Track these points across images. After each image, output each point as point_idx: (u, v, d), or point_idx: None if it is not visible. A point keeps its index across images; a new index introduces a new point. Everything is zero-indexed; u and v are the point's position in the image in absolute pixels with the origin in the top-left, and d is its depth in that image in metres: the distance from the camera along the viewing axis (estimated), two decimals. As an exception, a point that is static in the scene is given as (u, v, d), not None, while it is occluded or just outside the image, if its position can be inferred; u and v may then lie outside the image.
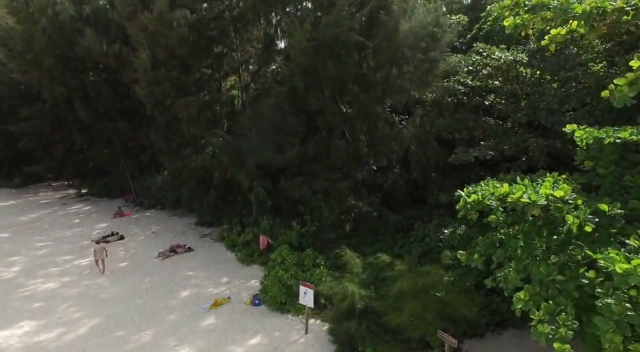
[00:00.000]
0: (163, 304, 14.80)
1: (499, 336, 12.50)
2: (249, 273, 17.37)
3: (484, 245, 8.30)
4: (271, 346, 12.12)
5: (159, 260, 19.00)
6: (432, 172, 16.06)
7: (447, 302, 10.46)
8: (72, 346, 12.25)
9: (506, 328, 12.83)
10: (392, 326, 11.10)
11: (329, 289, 12.36)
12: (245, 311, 14.24)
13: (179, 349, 12.07)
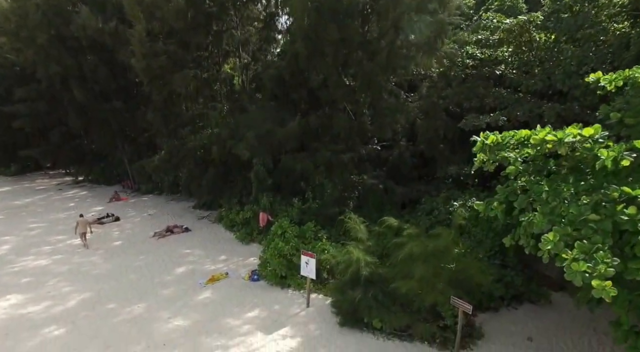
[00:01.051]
0: (158, 279, 14.13)
1: (515, 310, 11.78)
2: (248, 251, 16.70)
3: (503, 193, 7.57)
4: (270, 318, 11.43)
5: (154, 239, 18.33)
6: (440, 144, 15.31)
7: (460, 268, 9.73)
8: (59, 317, 11.58)
9: (522, 303, 12.11)
10: (400, 295, 10.38)
11: (332, 258, 11.65)
12: (243, 286, 13.55)
13: (172, 321, 11.38)
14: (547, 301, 12.07)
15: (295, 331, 10.76)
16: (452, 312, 10.04)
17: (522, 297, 12.15)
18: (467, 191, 14.06)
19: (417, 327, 9.89)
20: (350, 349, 9.94)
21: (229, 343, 10.29)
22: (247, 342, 10.34)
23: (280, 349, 10.01)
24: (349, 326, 10.77)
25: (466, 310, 9.09)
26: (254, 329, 10.91)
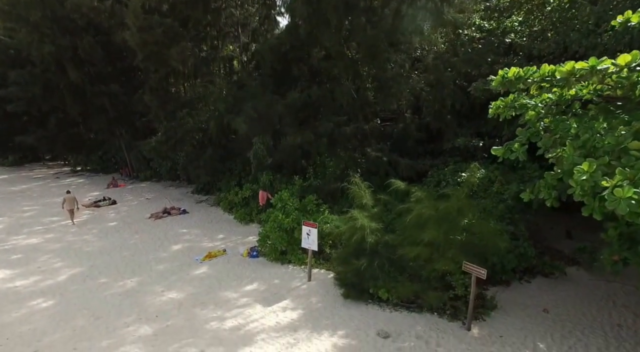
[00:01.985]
0: (152, 256, 13.53)
1: (527, 284, 11.11)
2: (247, 231, 16.08)
3: (524, 135, 6.90)
4: (270, 292, 10.79)
5: (151, 220, 17.73)
6: (447, 115, 14.62)
7: (474, 232, 9.06)
8: (48, 291, 10.97)
9: (534, 277, 11.44)
10: (408, 264, 9.75)
11: (335, 228, 11.00)
12: (241, 262, 12.93)
13: (166, 294, 10.75)
14: (562, 274, 11.39)
15: (296, 304, 10.12)
16: (463, 282, 9.39)
17: (535, 270, 11.49)
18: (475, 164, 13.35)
19: (426, 297, 9.20)
20: (355, 320, 9.29)
21: (225, 315, 9.65)
22: (245, 313, 9.70)
23: (280, 321, 9.37)
24: (353, 298, 10.12)
25: (480, 275, 8.42)
26: (252, 302, 10.28)
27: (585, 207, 5.46)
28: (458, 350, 8.18)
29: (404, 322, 9.20)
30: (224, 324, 9.20)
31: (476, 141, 14.18)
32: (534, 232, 12.64)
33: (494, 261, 10.35)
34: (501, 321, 9.31)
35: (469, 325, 8.94)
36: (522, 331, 8.88)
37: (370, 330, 8.87)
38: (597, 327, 9.02)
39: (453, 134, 14.60)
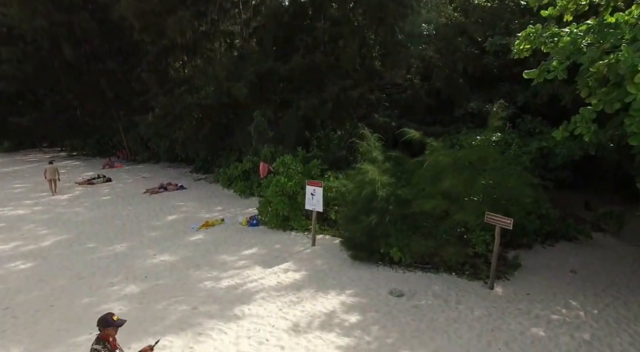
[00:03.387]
0: (145, 225, 12.65)
1: (551, 248, 10.22)
2: (247, 203, 15.17)
3: (563, 53, 5.99)
4: (270, 255, 9.90)
5: (146, 195, 16.83)
6: (459, 79, 13.72)
7: (497, 181, 8.15)
8: (29, 254, 10.09)
9: (557, 241, 10.54)
10: (422, 220, 8.84)
11: (342, 186, 10.10)
12: (240, 230, 12.04)
13: (158, 257, 9.87)
14: (587, 238, 10.49)
15: (299, 266, 9.22)
16: (484, 239, 8.49)
17: (558, 234, 10.58)
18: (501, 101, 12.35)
19: (445, 253, 8.29)
20: (364, 281, 8.39)
21: (221, 275, 8.76)
22: (242, 274, 8.80)
23: (281, 281, 8.47)
24: (362, 260, 9.23)
25: (506, 225, 7.52)
26: (251, 264, 9.38)
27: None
28: (481, 307, 7.28)
29: (420, 282, 8.30)
30: (220, 284, 8.32)
31: (490, 106, 13.27)
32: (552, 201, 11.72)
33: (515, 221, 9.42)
34: (526, 280, 8.41)
35: (492, 283, 8.04)
36: (550, 290, 7.99)
37: (381, 289, 7.98)
38: (635, 287, 8.12)
39: (465, 100, 13.69)
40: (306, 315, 7.06)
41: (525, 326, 6.68)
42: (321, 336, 6.38)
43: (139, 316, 7.02)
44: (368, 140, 9.52)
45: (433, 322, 6.81)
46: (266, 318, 6.95)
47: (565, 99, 11.09)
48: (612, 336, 6.41)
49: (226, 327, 6.64)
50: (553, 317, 6.97)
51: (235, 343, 6.20)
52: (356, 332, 6.53)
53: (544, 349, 6.07)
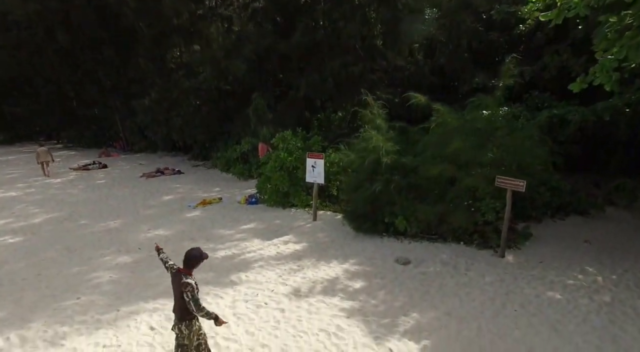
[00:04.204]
0: (141, 204, 12.28)
1: (561, 221, 9.83)
2: (245, 185, 14.83)
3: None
4: (270, 230, 9.53)
5: (142, 179, 16.45)
6: (464, 54, 13.32)
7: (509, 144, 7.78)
8: (19, 230, 9.73)
9: (568, 215, 10.15)
10: (429, 188, 8.45)
11: (345, 156, 9.73)
12: (238, 208, 11.67)
13: (152, 231, 9.50)
14: (600, 212, 10.10)
15: (300, 239, 8.86)
16: (494, 207, 8.09)
17: (568, 208, 10.19)
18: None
19: (454, 219, 7.91)
20: (368, 251, 8.02)
21: (217, 247, 8.40)
22: (240, 246, 8.44)
23: (281, 251, 8.11)
24: (366, 232, 8.86)
25: (518, 188, 7.15)
26: (249, 237, 9.02)
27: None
28: (493, 274, 6.92)
29: (427, 252, 7.93)
30: (216, 254, 7.95)
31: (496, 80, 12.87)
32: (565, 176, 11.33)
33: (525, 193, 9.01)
34: (538, 250, 8.04)
35: (503, 252, 7.67)
36: (564, 258, 7.62)
37: (387, 259, 7.62)
38: (654, 254, 7.75)
39: (470, 76, 13.30)
40: (307, 281, 6.70)
41: (540, 291, 6.32)
42: (324, 300, 6.02)
43: (131, 283, 6.67)
44: (371, 108, 9.13)
45: (443, 287, 6.45)
46: (265, 284, 6.59)
47: (576, 70, 10.73)
48: (635, 298, 6.04)
49: (222, 292, 6.29)
50: (569, 282, 6.60)
51: (232, 306, 5.84)
52: (361, 296, 6.17)
53: (562, 310, 5.71)
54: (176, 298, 3.85)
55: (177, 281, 3.81)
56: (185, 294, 3.66)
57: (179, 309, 3.83)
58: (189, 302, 3.66)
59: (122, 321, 5.49)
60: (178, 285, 3.76)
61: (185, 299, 3.67)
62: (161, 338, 5.06)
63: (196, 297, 3.69)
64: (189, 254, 3.86)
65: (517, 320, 5.45)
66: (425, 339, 5.02)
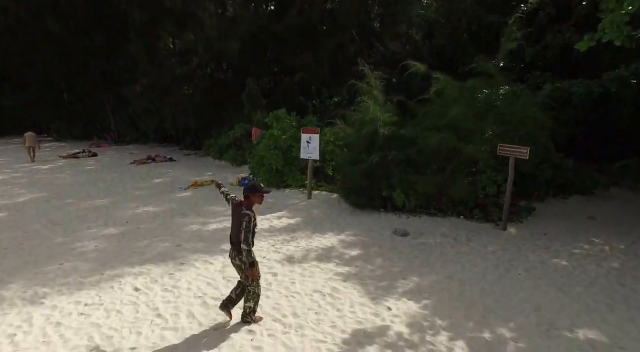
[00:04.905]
0: (130, 186, 12.03)
1: (564, 200, 9.66)
2: (238, 171, 14.58)
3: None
4: (263, 207, 9.15)
5: (133, 166, 16.19)
6: (464, 34, 13.19)
7: (511, 112, 7.62)
8: (3, 207, 9.45)
9: (571, 195, 9.99)
10: (428, 160, 8.28)
11: (342, 131, 9.54)
12: (232, 189, 11.37)
13: (141, 208, 9.26)
14: (606, 191, 9.95)
15: (294, 215, 8.66)
16: (495, 180, 7.92)
17: (572, 187, 10.02)
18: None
19: (453, 193, 7.72)
20: (365, 225, 7.82)
21: (209, 221, 8.20)
22: (233, 220, 8.19)
23: (274, 225, 7.90)
24: (363, 208, 8.67)
25: (522, 156, 6.99)
26: (242, 213, 8.77)
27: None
28: (495, 244, 6.74)
29: (426, 225, 7.75)
30: (207, 227, 7.77)
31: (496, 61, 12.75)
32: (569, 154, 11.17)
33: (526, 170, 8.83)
34: (541, 224, 7.88)
35: (505, 225, 7.50)
36: (569, 231, 7.47)
37: (384, 231, 7.42)
38: (662, 228, 7.61)
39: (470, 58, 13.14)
40: (301, 250, 6.51)
41: (545, 258, 6.15)
42: (319, 266, 5.82)
43: (116, 251, 6.45)
44: (369, 79, 8.96)
45: (443, 256, 6.26)
46: (257, 252, 6.33)
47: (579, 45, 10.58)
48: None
49: (212, 259, 6.08)
50: (575, 252, 6.43)
51: (222, 271, 5.63)
52: (357, 263, 5.97)
53: (569, 275, 5.53)
54: (236, 230, 3.98)
55: (238, 212, 3.97)
56: (242, 224, 3.82)
57: (237, 241, 3.96)
58: (242, 230, 3.82)
59: (106, 283, 5.26)
60: (239, 216, 3.92)
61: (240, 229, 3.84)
62: (146, 298, 4.84)
63: (250, 229, 3.84)
64: (250, 187, 4.06)
65: (522, 283, 5.27)
66: (426, 299, 4.82)
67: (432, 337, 4.02)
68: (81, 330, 4.12)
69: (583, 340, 3.98)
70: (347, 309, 4.56)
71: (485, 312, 4.50)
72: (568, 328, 4.18)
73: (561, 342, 3.94)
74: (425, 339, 3.98)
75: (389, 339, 3.97)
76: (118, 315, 4.43)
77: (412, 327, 4.19)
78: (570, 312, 4.52)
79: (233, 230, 4.05)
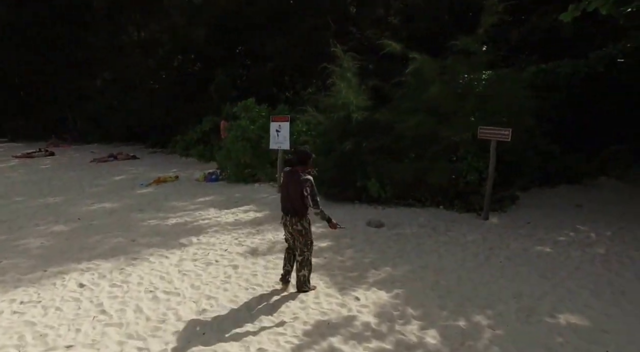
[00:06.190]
0: (87, 183, 11.55)
1: (550, 189, 9.67)
2: (206, 167, 14.16)
3: None
4: (230, 201, 9.05)
5: (93, 164, 15.63)
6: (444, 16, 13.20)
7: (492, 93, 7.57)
8: None
9: (558, 184, 10.01)
10: (405, 148, 8.16)
11: (312, 118, 9.34)
12: (197, 185, 11.11)
13: (96, 205, 8.84)
14: (594, 179, 10.02)
15: (261, 208, 8.41)
16: (477, 166, 7.85)
17: (558, 176, 10.04)
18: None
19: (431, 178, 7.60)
20: (337, 216, 7.51)
21: (168, 215, 7.87)
22: (194, 215, 7.93)
23: (240, 218, 7.64)
24: (336, 199, 8.46)
25: (503, 138, 6.92)
26: (205, 207, 8.52)
27: None
28: (475, 233, 6.64)
29: (403, 216, 7.60)
30: (166, 222, 7.45)
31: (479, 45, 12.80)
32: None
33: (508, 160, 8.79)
34: (526, 212, 7.85)
35: (486, 214, 7.42)
36: (554, 219, 7.43)
37: (358, 222, 7.22)
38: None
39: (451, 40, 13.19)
40: (267, 242, 6.28)
41: (528, 245, 6.06)
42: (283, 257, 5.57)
43: (63, 247, 6.12)
44: (341, 61, 8.80)
45: (420, 246, 6.11)
46: (218, 245, 6.11)
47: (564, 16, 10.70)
48: (631, 249, 5.85)
49: (168, 253, 5.78)
50: (560, 239, 6.37)
51: (177, 265, 5.34)
52: (326, 254, 5.78)
53: (552, 261, 5.45)
54: (293, 197, 4.15)
55: (295, 179, 4.13)
56: (305, 189, 4.03)
57: (298, 207, 4.17)
58: (307, 196, 4.03)
59: (48, 279, 4.94)
60: (298, 183, 4.08)
61: (304, 194, 4.03)
62: (90, 293, 4.54)
63: (315, 192, 4.10)
64: (301, 152, 4.32)
65: (502, 270, 5.15)
66: (398, 288, 4.65)
67: (402, 326, 3.83)
68: (11, 329, 3.81)
69: (564, 325, 3.86)
70: (310, 300, 4.34)
71: (462, 300, 4.35)
72: (549, 313, 4.06)
73: (541, 328, 3.81)
74: (394, 329, 3.79)
75: (354, 330, 3.77)
76: (57, 312, 4.13)
77: (380, 317, 4.00)
78: (552, 297, 4.41)
79: (289, 198, 4.20)
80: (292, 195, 4.15)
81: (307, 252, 4.40)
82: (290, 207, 4.22)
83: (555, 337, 3.66)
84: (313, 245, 4.53)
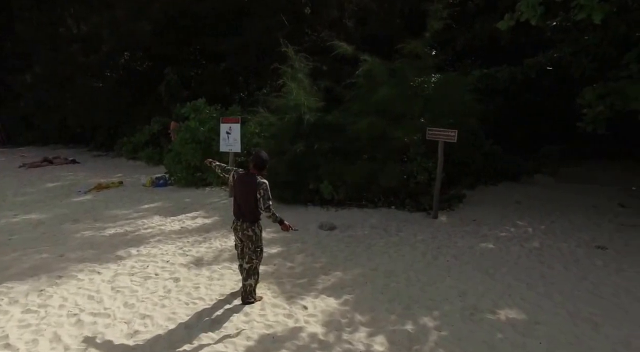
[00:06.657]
0: (12, 192, 10.59)
1: (494, 187, 10.13)
2: (155, 171, 13.50)
3: None
4: (177, 207, 8.63)
5: (23, 169, 14.40)
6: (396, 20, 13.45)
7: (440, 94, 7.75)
8: None
9: (500, 181, 10.50)
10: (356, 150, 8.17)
11: (265, 119, 9.13)
12: (143, 191, 10.53)
13: (20, 216, 8.12)
14: (530, 177, 10.64)
15: (211, 214, 8.09)
16: (426, 167, 8.01)
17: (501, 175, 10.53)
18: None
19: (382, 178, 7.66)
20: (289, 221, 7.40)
21: (106, 225, 7.35)
22: (136, 223, 7.47)
23: (186, 226, 7.29)
24: (288, 202, 8.31)
25: (449, 139, 7.09)
26: (150, 215, 8.05)
27: None
28: (425, 232, 6.76)
29: (355, 217, 7.60)
30: (102, 232, 6.94)
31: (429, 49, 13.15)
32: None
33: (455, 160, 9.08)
34: (472, 210, 8.12)
35: (436, 212, 7.58)
36: (497, 215, 7.77)
37: (310, 225, 7.13)
38: (576, 209, 8.22)
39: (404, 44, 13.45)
40: (213, 250, 6.01)
41: (473, 243, 6.26)
42: (230, 266, 5.35)
43: (-28, 268, 5.43)
44: (293, 61, 8.66)
45: (371, 247, 6.11)
46: (159, 256, 5.75)
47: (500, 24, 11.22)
48: (560, 242, 6.29)
49: (101, 268, 5.34)
50: (501, 235, 6.65)
51: (111, 281, 4.94)
52: (276, 260, 5.62)
53: (494, 257, 5.65)
54: (246, 200, 4.03)
55: (251, 181, 3.99)
56: (259, 192, 3.93)
57: (251, 211, 4.04)
58: (259, 199, 3.93)
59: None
60: (251, 186, 3.96)
61: (257, 197, 3.92)
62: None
63: (269, 196, 3.98)
64: (259, 157, 4.10)
65: (449, 269, 5.25)
66: (348, 294, 4.58)
67: (350, 334, 3.76)
68: None
69: (504, 320, 3.99)
70: (256, 312, 4.17)
71: (410, 303, 4.36)
72: (490, 310, 4.18)
73: (483, 326, 3.89)
74: (341, 338, 3.70)
75: (300, 342, 3.64)
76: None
77: (328, 326, 3.90)
78: (494, 294, 4.55)
79: (242, 201, 4.06)
80: (246, 198, 4.03)
81: (256, 260, 4.27)
82: (243, 211, 4.10)
83: (495, 333, 3.76)
84: (263, 252, 4.39)
